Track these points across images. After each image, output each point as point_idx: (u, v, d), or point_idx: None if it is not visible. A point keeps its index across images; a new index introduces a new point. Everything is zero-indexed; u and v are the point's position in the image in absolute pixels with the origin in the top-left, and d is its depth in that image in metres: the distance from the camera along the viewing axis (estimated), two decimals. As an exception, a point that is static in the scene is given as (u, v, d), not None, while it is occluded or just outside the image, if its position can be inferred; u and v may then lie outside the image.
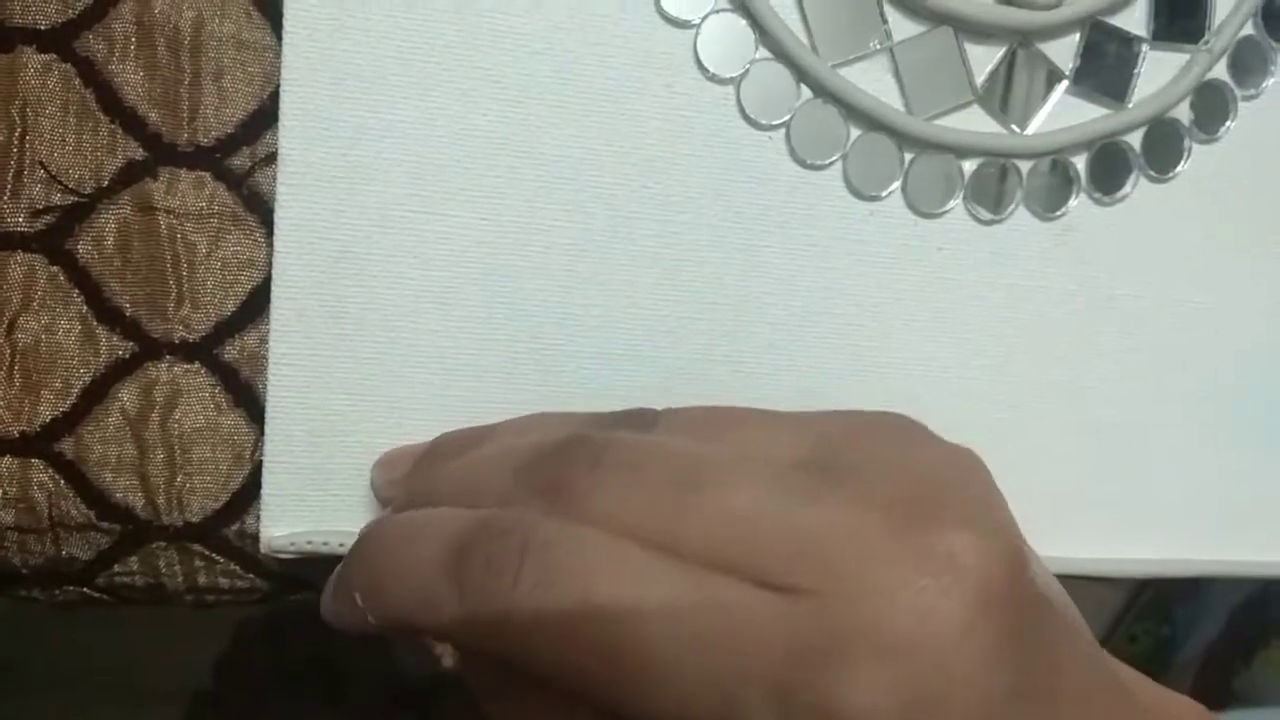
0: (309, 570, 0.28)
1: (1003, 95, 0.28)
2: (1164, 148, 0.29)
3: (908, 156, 0.28)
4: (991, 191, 0.28)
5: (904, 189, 0.28)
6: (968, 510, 0.18)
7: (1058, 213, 0.29)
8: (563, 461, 0.19)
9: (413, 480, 0.24)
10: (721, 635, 0.16)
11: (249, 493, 0.26)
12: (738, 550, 0.17)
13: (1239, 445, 0.31)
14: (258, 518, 0.26)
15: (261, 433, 0.26)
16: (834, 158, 0.27)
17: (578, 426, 0.22)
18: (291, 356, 0.25)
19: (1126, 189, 0.29)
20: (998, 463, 0.20)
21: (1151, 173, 0.29)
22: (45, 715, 0.65)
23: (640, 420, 0.21)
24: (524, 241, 0.26)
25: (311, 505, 0.26)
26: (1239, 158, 0.30)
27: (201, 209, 0.25)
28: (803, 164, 0.27)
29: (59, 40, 0.25)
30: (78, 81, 0.25)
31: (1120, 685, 0.19)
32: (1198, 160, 0.30)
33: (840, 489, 0.18)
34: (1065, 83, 0.28)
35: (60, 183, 0.25)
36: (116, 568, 0.27)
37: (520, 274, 0.26)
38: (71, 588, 0.28)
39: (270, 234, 0.25)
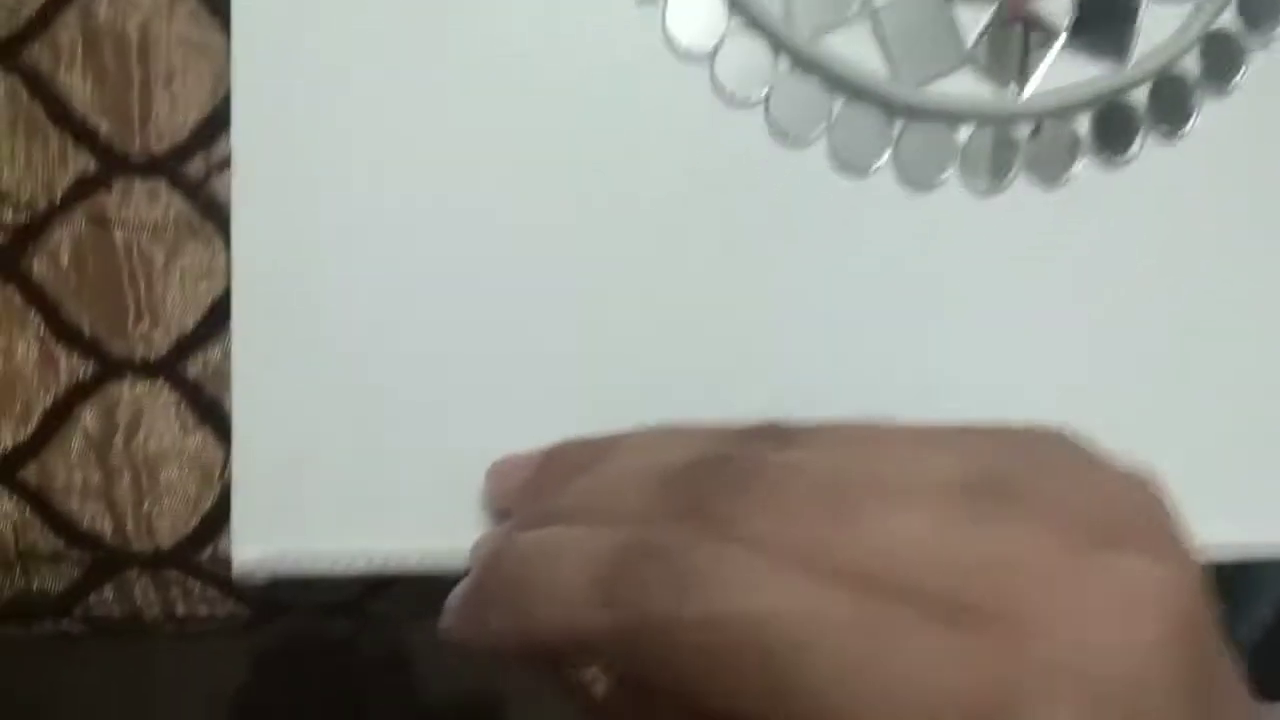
0: (291, 595, 0.27)
1: (996, 56, 0.26)
2: (1172, 104, 0.28)
3: (897, 126, 0.26)
4: (989, 160, 0.27)
5: (894, 161, 0.26)
6: (1153, 536, 0.17)
7: (1061, 179, 0.27)
8: (708, 483, 0.18)
9: (533, 493, 0.23)
10: (901, 662, 0.16)
11: (220, 514, 0.25)
12: (907, 575, 0.16)
13: (1256, 422, 0.29)
14: (230, 540, 0.25)
15: (230, 451, 0.24)
16: (818, 131, 0.26)
17: (711, 442, 0.21)
18: (256, 370, 0.24)
19: (1135, 149, 0.27)
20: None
21: (1161, 130, 0.28)
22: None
23: (777, 435, 0.20)
24: (493, 236, 0.25)
25: (284, 525, 0.24)
26: (1254, 111, 0.28)
27: (157, 220, 0.25)
28: (785, 140, 0.26)
29: (3, 52, 0.24)
30: (25, 94, 0.24)
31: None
32: (1209, 116, 0.28)
33: (1012, 511, 0.17)
34: (1062, 39, 0.27)
35: (11, 200, 0.24)
36: (91, 599, 0.26)
37: (491, 270, 0.25)
38: (48, 622, 0.27)
39: (229, 242, 0.24)
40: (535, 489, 0.23)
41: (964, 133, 0.26)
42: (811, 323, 0.26)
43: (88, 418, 0.25)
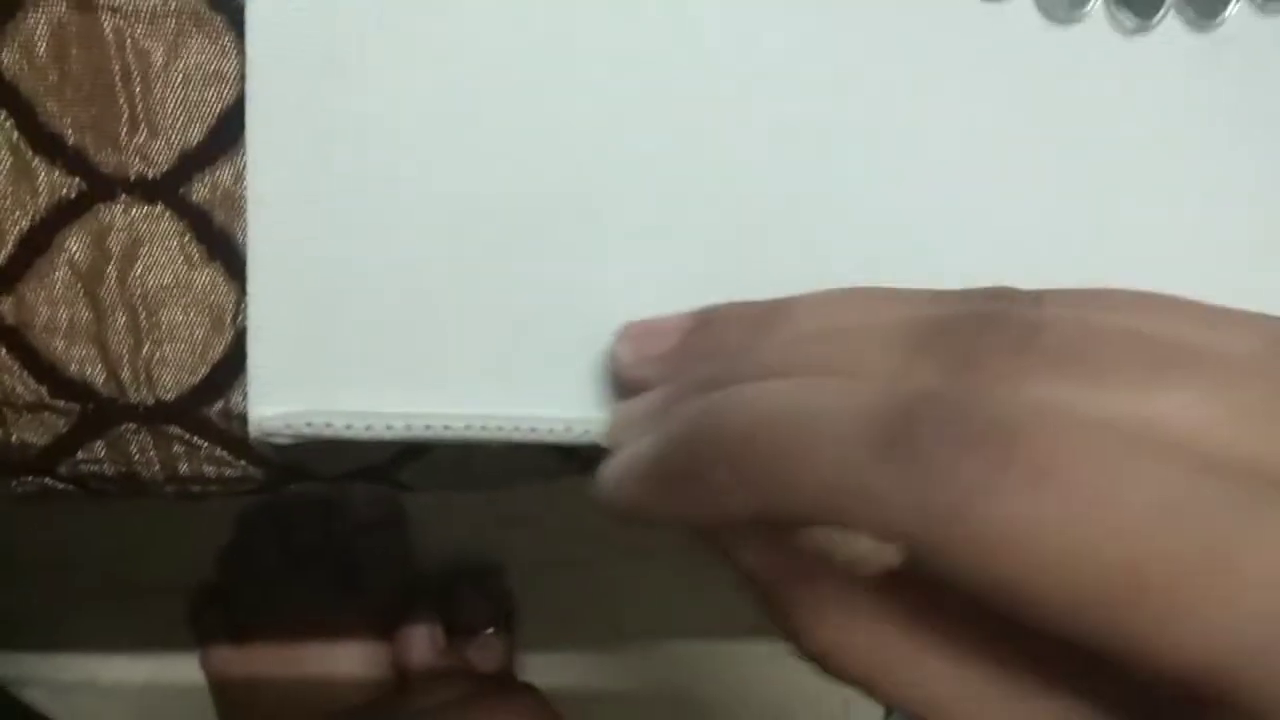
0: (312, 456, 0.24)
1: None
2: (1349, -62, 0.24)
3: (1041, -57, 0.22)
4: (1140, -10, 0.23)
5: (1034, -15, 0.22)
6: None
7: (1215, 21, 0.23)
8: (979, 338, 0.15)
9: (693, 359, 0.19)
10: (1267, 551, 0.13)
11: (232, 364, 0.22)
12: (1257, 453, 0.13)
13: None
14: (244, 395, 0.21)
15: (244, 291, 0.21)
16: (950, -57, 0.22)
17: (939, 303, 0.17)
18: (274, 195, 0.20)
19: (1299, -9, 0.24)
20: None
21: (1331, -29, 0.24)
22: (40, 609, 0.63)
23: (1022, 296, 0.17)
24: (564, 43, 0.21)
25: (309, 379, 0.21)
26: None
27: (155, 7, 0.20)
28: (911, -48, 0.22)
29: None
30: None
31: None
32: (1390, -46, 0.24)
33: None
34: None
35: (-26, -28, 0.20)
36: (80, 454, 0.23)
37: (558, 85, 0.21)
38: (30, 478, 0.23)
39: (242, 38, 0.20)
40: (695, 354, 0.20)
41: (1115, -44, 0.22)
42: (942, 155, 0.23)
43: (73, 245, 0.21)
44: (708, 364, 0.19)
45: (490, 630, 0.60)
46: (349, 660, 0.57)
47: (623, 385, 0.21)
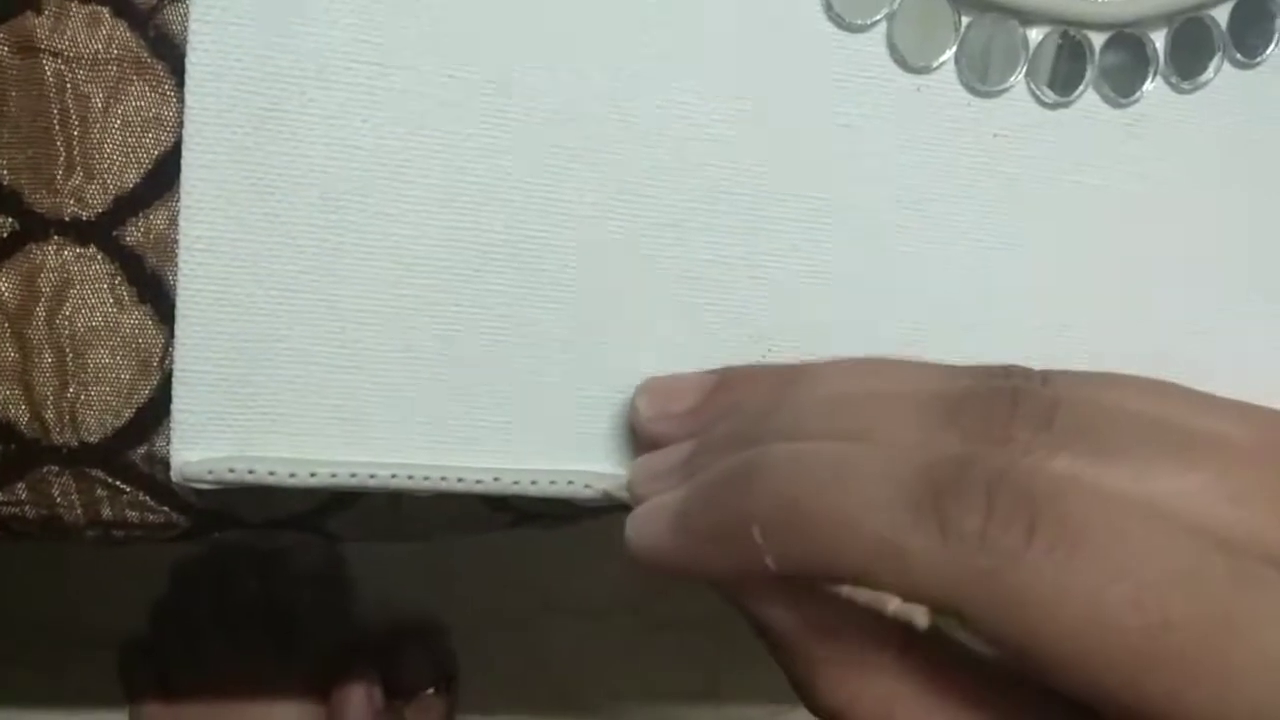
0: (237, 503, 0.24)
1: (1077, -49, 0.23)
2: (1254, 27, 0.25)
3: (965, 20, 0.23)
4: (1060, 69, 0.24)
5: (958, 60, 0.23)
6: None
7: (1131, 98, 0.24)
8: (1004, 413, 0.16)
9: (713, 416, 0.20)
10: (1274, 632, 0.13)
11: (158, 408, 0.21)
12: (1265, 535, 0.14)
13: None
14: (169, 439, 0.21)
15: (172, 334, 0.21)
16: (877, 17, 0.22)
17: (960, 378, 0.17)
18: (208, 240, 0.20)
19: (1209, 74, 0.25)
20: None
21: (1238, 56, 0.25)
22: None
23: (1029, 374, 0.17)
24: (500, 106, 0.21)
25: (234, 425, 0.21)
26: (1339, 42, 0.25)
27: (97, 52, 0.20)
28: (839, 23, 0.22)
29: None
30: (-66, -118, 0.20)
31: None
32: (1293, 43, 0.25)
33: None
34: (1149, -60, 0.24)
35: (-86, 12, 0.20)
36: (1, 496, 0.22)
37: (494, 146, 0.21)
38: (-54, 519, 0.23)
39: (182, 85, 0.20)
40: (718, 412, 0.20)
41: (1035, 35, 0.23)
42: (843, 232, 0.23)
43: (2, 284, 0.21)
44: (732, 421, 0.19)
45: (430, 691, 0.59)
46: (284, 719, 0.56)
47: (641, 439, 0.21)
